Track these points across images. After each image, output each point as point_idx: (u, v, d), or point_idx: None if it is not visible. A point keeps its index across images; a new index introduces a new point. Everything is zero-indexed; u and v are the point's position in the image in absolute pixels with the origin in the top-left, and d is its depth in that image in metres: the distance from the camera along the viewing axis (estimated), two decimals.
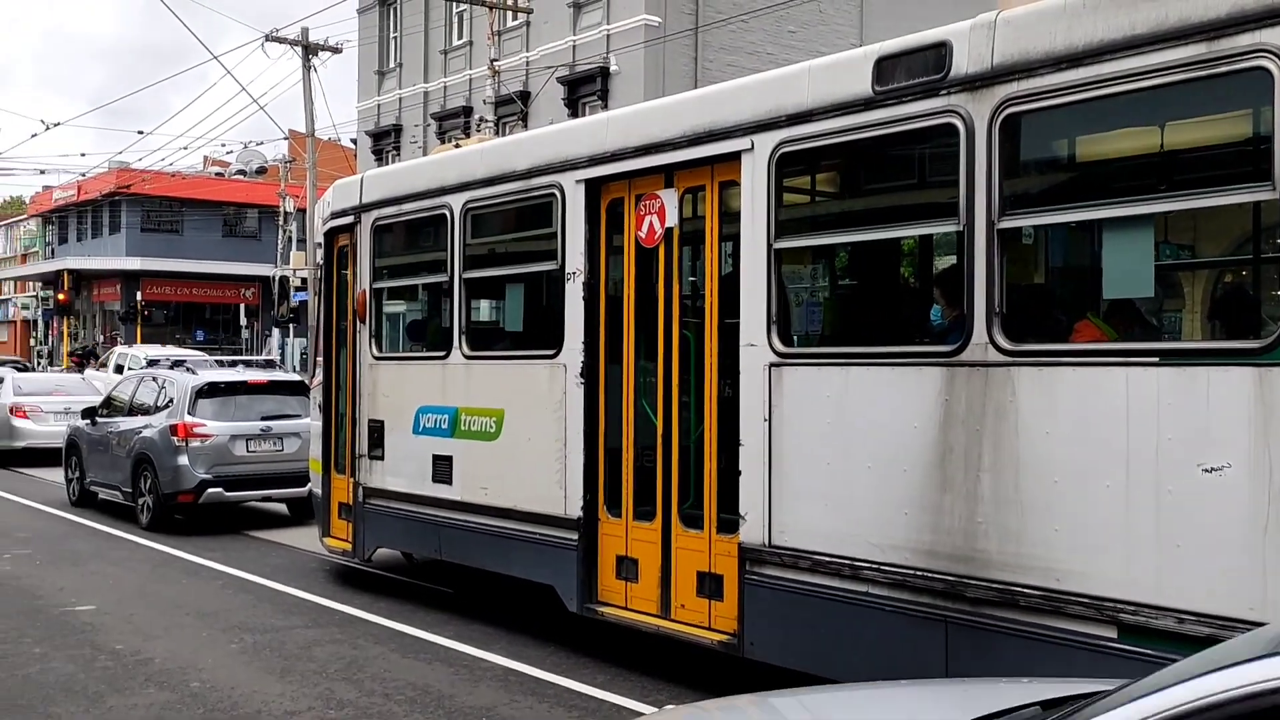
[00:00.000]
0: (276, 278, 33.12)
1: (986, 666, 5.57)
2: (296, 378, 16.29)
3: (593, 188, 7.93)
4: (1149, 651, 4.82)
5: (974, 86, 5.65)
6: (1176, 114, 5.43)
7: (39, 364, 53.63)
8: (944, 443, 5.74)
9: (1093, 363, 5.25)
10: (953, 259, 6.42)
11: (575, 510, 7.94)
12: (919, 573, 5.84)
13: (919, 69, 5.91)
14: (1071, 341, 5.61)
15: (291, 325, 36.31)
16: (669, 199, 7.48)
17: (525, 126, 28.53)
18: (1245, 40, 4.71)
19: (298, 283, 33.47)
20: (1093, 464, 5.16)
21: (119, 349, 29.67)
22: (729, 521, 6.96)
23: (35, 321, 64.79)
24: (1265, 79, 4.65)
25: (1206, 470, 4.79)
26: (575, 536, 7.94)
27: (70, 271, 50.65)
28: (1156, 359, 5.01)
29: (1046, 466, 5.33)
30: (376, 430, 10.00)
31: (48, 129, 32.02)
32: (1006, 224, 5.57)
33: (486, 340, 9.50)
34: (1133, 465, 5.01)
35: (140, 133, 69.68)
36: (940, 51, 5.83)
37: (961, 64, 5.72)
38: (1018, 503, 5.44)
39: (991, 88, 5.58)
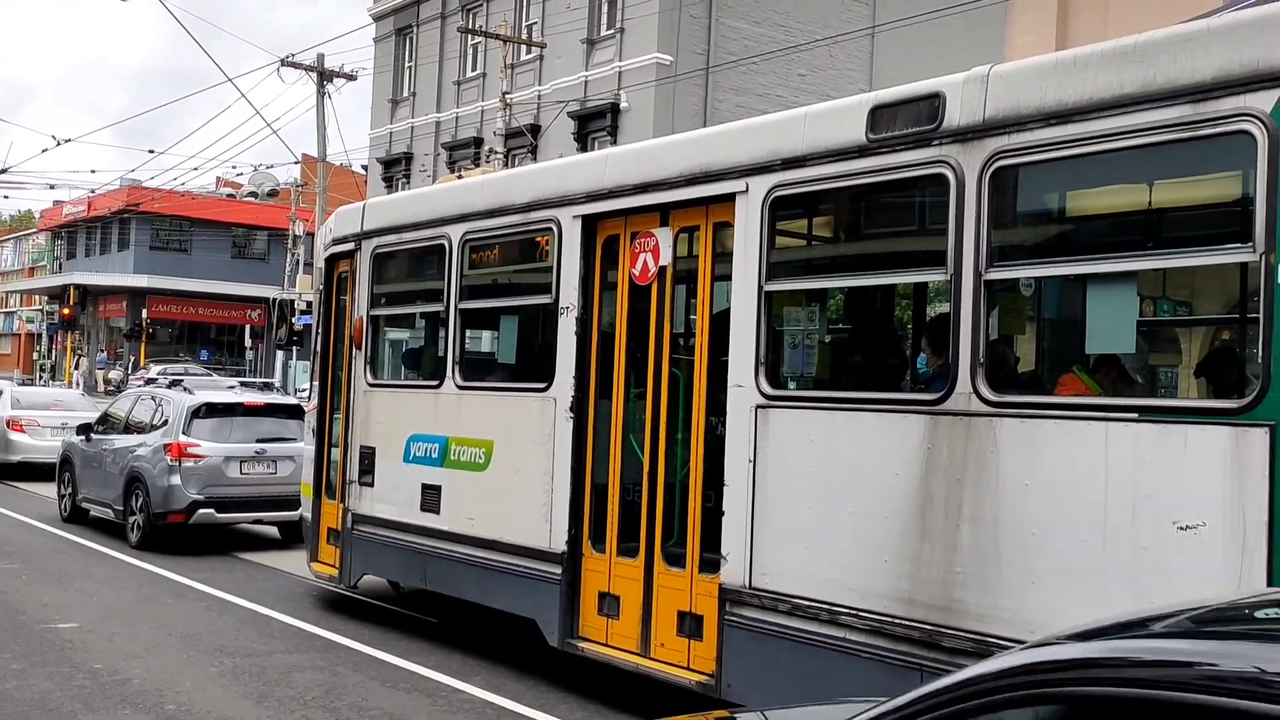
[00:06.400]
0: (275, 301, 33.22)
1: None
2: (294, 400, 16.31)
3: (589, 224, 7.99)
4: None
5: (965, 138, 5.70)
6: (1163, 173, 5.47)
7: (41, 378, 53.71)
8: (925, 491, 5.74)
9: (1074, 416, 5.27)
10: (941, 308, 6.45)
11: (560, 545, 7.93)
12: (897, 620, 5.83)
13: (912, 119, 5.97)
14: (1054, 394, 5.63)
15: (295, 349, 36.38)
16: (664, 237, 7.53)
17: (535, 159, 28.70)
18: (1229, 104, 4.76)
19: (303, 306, 33.58)
20: (1070, 517, 5.16)
21: None
22: (711, 561, 6.96)
23: (39, 335, 65.02)
24: (1249, 142, 4.70)
25: (1181, 528, 4.79)
26: (559, 571, 7.93)
27: (77, 286, 50.85)
28: (1135, 415, 5.03)
29: (1025, 518, 5.33)
30: (368, 457, 10.02)
31: (59, 144, 32.33)
32: (994, 275, 5.60)
33: (479, 371, 9.53)
34: (1109, 520, 5.02)
35: (151, 151, 70.26)
36: (934, 103, 5.88)
37: (954, 116, 5.77)
38: (995, 554, 5.44)
39: (983, 140, 5.63)
